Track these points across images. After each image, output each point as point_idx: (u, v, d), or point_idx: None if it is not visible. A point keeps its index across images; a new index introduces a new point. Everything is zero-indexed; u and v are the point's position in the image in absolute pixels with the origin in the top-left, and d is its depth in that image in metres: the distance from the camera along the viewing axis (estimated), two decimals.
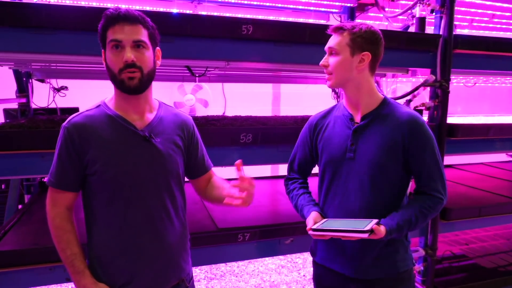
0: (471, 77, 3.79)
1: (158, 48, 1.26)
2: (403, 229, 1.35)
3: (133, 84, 1.17)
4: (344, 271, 1.48)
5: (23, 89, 2.78)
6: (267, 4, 3.03)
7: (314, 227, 1.33)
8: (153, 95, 1.36)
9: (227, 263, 3.77)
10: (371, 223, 1.28)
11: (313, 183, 1.67)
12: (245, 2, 2.96)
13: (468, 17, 3.44)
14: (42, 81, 2.87)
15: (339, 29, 1.41)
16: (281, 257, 3.97)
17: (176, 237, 1.32)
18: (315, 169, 1.66)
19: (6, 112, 2.97)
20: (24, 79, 2.78)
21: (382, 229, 1.29)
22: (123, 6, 1.22)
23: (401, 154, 1.39)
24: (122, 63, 1.14)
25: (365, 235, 1.24)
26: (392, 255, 1.45)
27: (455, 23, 3.38)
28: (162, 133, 1.28)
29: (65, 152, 1.21)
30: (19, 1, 2.35)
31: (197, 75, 2.60)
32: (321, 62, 1.46)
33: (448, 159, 3.70)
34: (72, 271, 1.22)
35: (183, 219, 1.36)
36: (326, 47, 1.45)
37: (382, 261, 1.44)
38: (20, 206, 2.76)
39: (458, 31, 3.54)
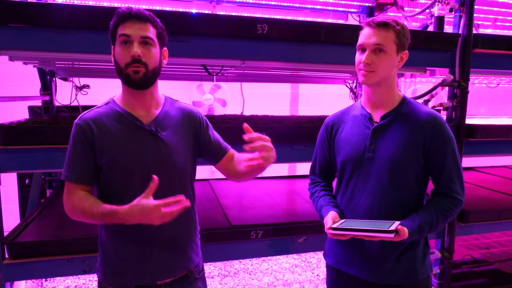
0: (493, 78, 3.69)
1: (165, 48, 1.31)
2: (424, 230, 1.31)
3: (138, 78, 1.21)
4: (361, 275, 1.43)
5: (47, 87, 2.89)
6: (285, 4, 3.04)
7: (334, 226, 1.29)
8: (172, 94, 1.42)
9: (241, 260, 3.80)
10: (394, 224, 1.25)
11: None
12: (263, 2, 2.98)
13: (491, 16, 3.36)
14: (65, 79, 2.96)
15: (385, 25, 1.32)
16: (295, 256, 3.98)
17: (185, 228, 1.35)
18: None
19: (31, 109, 3.07)
20: (48, 77, 2.88)
21: (406, 230, 1.25)
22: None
23: (421, 154, 1.36)
24: (129, 58, 1.19)
25: (391, 235, 1.21)
26: (411, 260, 1.40)
27: (478, 22, 3.32)
28: (169, 126, 1.31)
29: (79, 146, 1.25)
30: (43, 2, 2.44)
31: (214, 74, 2.63)
32: (365, 60, 1.33)
33: (470, 161, 3.63)
34: (105, 220, 1.20)
35: (193, 211, 1.39)
36: (368, 43, 1.33)
37: (402, 265, 1.39)
38: (42, 201, 2.86)
39: (481, 31, 3.47)
